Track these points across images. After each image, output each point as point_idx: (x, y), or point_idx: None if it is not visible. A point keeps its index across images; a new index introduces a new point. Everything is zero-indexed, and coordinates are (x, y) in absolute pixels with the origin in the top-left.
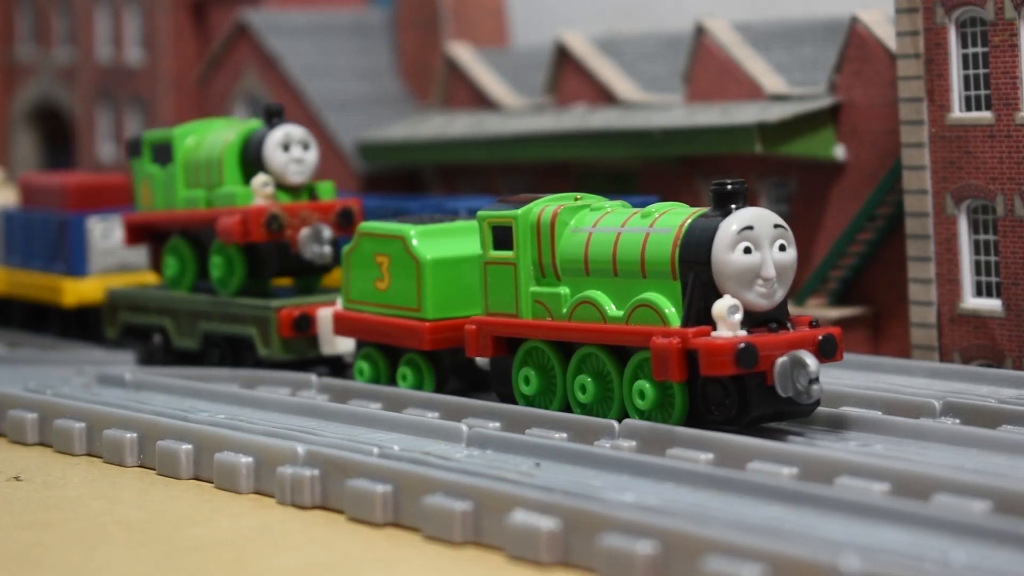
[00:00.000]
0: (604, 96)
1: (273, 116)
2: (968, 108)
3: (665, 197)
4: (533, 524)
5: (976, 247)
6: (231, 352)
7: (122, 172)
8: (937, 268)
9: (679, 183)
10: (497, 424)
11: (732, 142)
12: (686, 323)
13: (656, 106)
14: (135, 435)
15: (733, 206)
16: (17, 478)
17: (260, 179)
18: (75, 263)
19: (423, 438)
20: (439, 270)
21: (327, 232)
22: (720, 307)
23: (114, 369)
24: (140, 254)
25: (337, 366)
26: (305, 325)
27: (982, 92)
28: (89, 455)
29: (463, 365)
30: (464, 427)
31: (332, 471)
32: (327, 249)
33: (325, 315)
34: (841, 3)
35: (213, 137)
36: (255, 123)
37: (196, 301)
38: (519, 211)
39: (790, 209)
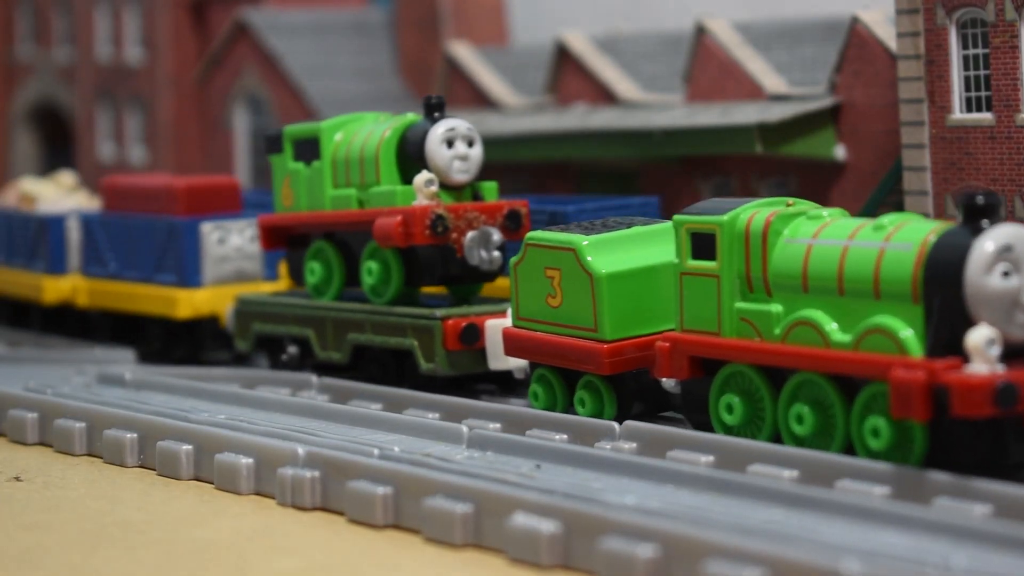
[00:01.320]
0: (604, 96)
1: (435, 109)
2: (969, 109)
3: (666, 197)
4: (534, 527)
5: None
6: (390, 366)
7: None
8: None
9: (679, 183)
10: (497, 425)
11: (732, 142)
12: (931, 354)
13: (656, 106)
14: (135, 435)
15: (985, 221)
16: (18, 478)
17: (424, 176)
18: (188, 272)
19: (424, 439)
20: (616, 285)
21: (497, 236)
22: (977, 339)
23: (114, 368)
24: (257, 262)
25: (506, 383)
26: (473, 337)
27: (983, 93)
28: (89, 455)
29: (648, 388)
30: (464, 428)
31: (332, 473)
32: (496, 255)
33: (494, 326)
34: (841, 3)
35: (365, 131)
36: (412, 116)
37: (346, 310)
38: (724, 217)
39: None
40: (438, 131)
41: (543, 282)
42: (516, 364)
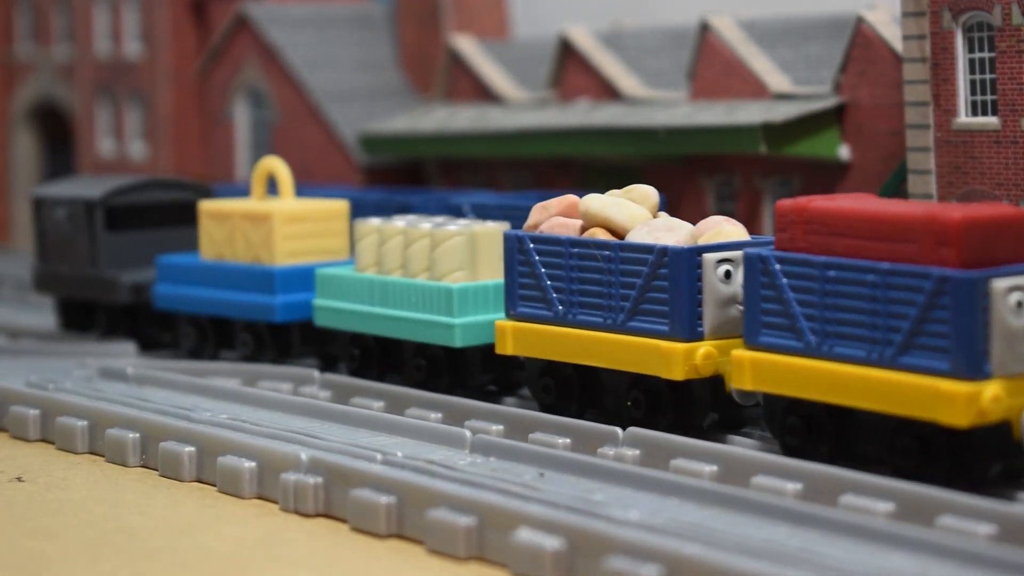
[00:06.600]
0: (608, 91)
1: None
2: (974, 113)
3: (669, 195)
4: (537, 543)
5: None
6: None
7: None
8: None
9: (683, 181)
10: (500, 427)
11: (736, 142)
12: None
13: (660, 103)
14: (138, 436)
15: None
16: (20, 479)
17: None
18: (967, 355)
19: (427, 443)
20: None
21: None
22: None
23: (116, 362)
24: None
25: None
26: None
27: (988, 98)
28: (91, 453)
29: None
30: (468, 433)
31: (336, 479)
32: None
33: None
34: (847, 1)
35: None
36: None
37: None
38: None
39: None
40: None
41: None
42: None
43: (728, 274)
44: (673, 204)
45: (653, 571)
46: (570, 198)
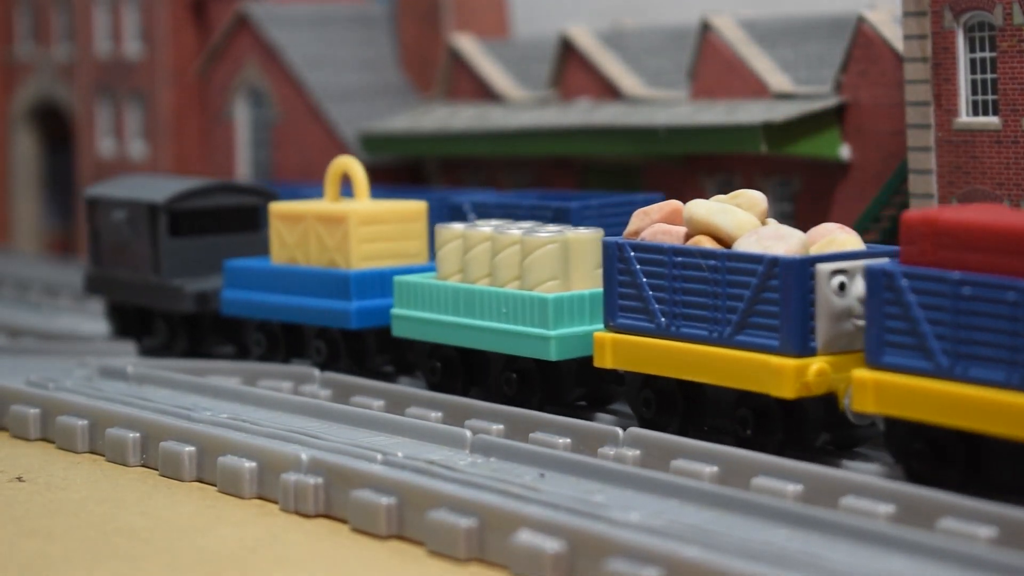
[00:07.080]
0: (608, 90)
1: None
2: (975, 113)
3: (669, 195)
4: (538, 545)
5: None
6: None
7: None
8: None
9: (683, 181)
10: (500, 427)
11: (737, 141)
12: None
13: (661, 102)
14: (138, 435)
15: None
16: (20, 478)
17: None
18: None
19: (427, 443)
20: None
21: None
22: None
23: (116, 362)
24: None
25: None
26: None
27: (989, 97)
28: (92, 453)
29: None
30: (468, 433)
31: (336, 480)
32: None
33: None
34: (848, 1)
35: None
36: None
37: None
38: None
39: (794, 208)
40: None
41: None
42: None
43: (843, 286)
44: None
45: (653, 573)
46: (673, 204)
